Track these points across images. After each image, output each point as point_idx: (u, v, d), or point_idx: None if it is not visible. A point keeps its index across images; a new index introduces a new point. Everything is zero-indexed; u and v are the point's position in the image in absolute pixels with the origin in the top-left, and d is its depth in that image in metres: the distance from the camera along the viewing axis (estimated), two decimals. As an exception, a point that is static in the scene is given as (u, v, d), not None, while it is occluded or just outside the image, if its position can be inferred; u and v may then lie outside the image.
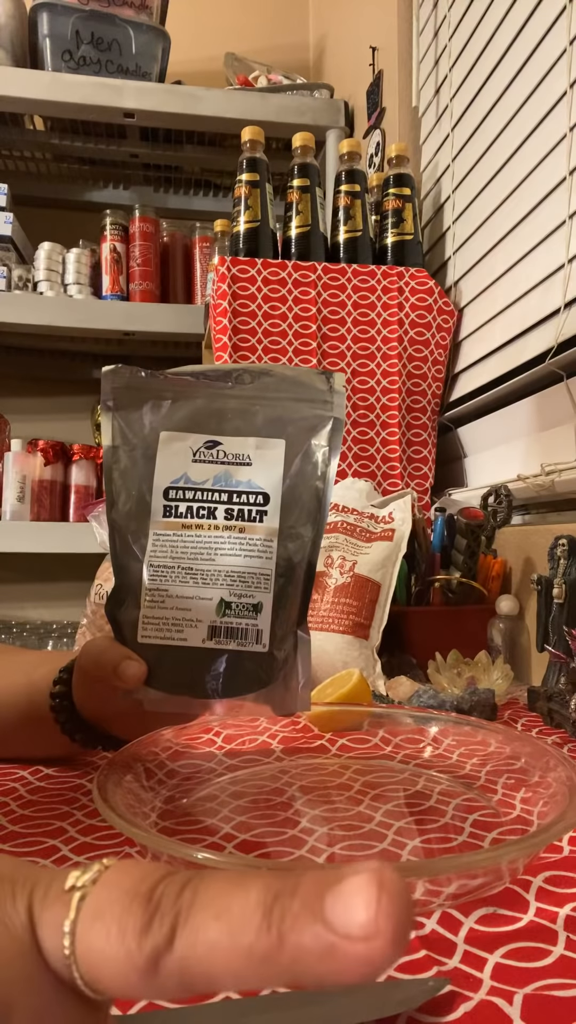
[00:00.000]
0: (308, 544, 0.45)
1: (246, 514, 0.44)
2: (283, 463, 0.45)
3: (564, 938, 0.32)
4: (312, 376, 0.47)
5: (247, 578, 0.43)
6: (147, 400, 0.47)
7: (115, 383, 0.47)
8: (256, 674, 0.43)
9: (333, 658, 0.82)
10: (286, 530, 0.44)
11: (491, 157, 1.11)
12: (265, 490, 0.45)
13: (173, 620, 0.43)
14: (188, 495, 0.45)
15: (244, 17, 2.16)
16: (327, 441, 0.46)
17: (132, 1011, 0.27)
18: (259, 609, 0.43)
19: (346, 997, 0.28)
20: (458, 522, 0.92)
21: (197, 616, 0.43)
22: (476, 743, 0.53)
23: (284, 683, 0.44)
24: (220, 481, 0.45)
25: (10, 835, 0.43)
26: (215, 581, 0.44)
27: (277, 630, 0.44)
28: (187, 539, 0.44)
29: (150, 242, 1.76)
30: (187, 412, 0.46)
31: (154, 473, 0.45)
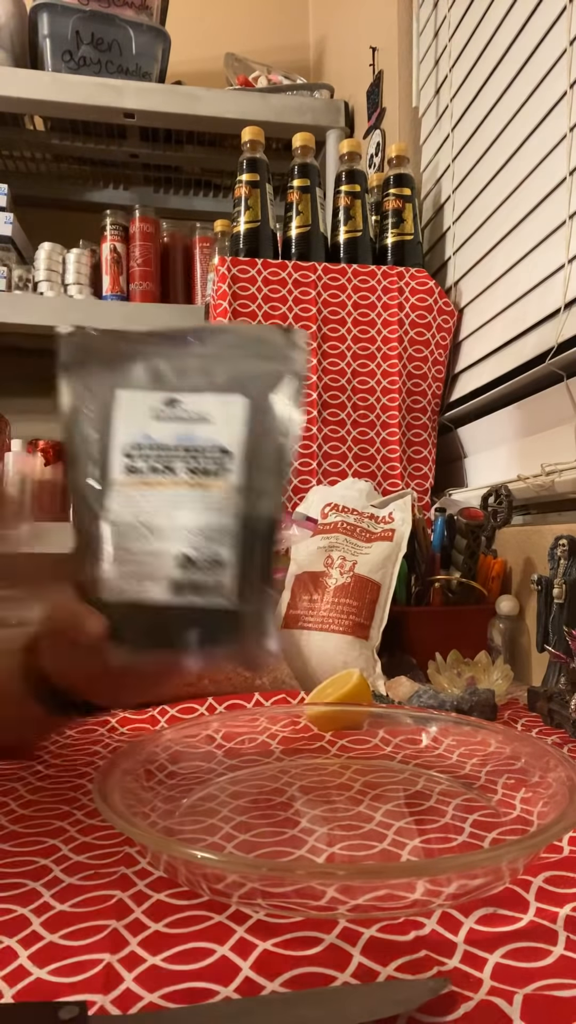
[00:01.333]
0: (272, 498, 0.44)
1: (207, 470, 0.44)
2: (244, 419, 0.45)
3: (564, 938, 0.32)
4: (271, 332, 0.47)
5: (209, 533, 0.43)
6: (105, 360, 0.46)
7: (72, 344, 0.47)
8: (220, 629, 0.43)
9: (333, 658, 0.82)
10: (249, 485, 0.44)
11: (491, 157, 1.11)
12: (226, 446, 0.44)
13: (134, 576, 0.43)
14: (148, 453, 0.45)
15: (244, 17, 2.16)
16: (288, 396, 0.45)
17: (132, 1011, 0.27)
18: (221, 563, 0.43)
19: (346, 997, 0.28)
20: (458, 522, 0.92)
21: (158, 571, 0.43)
22: (476, 743, 0.53)
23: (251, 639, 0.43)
24: (181, 438, 0.44)
25: (10, 835, 0.43)
26: (177, 536, 0.43)
27: (241, 585, 0.43)
28: (148, 496, 0.44)
29: (150, 242, 1.76)
30: (146, 371, 0.46)
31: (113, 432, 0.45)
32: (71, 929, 0.33)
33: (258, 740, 0.58)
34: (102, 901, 0.35)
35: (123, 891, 0.36)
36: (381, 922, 0.33)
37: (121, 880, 0.37)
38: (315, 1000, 0.28)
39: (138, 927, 0.33)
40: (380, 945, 0.31)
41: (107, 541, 0.44)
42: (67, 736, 0.64)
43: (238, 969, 0.30)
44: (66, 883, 0.37)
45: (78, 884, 0.37)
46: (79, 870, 0.39)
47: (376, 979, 0.29)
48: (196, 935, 0.32)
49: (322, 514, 0.93)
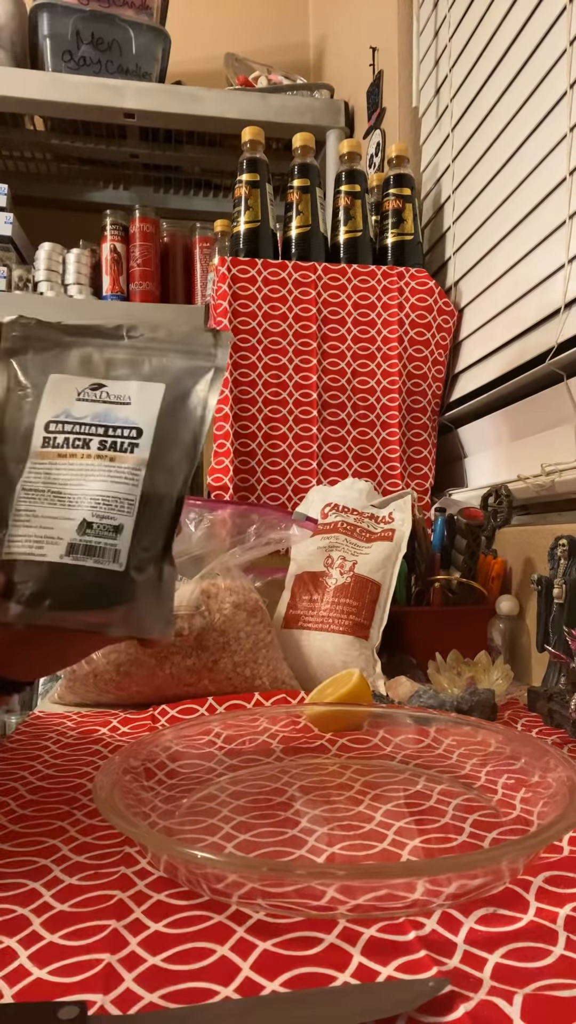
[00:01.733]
0: (179, 479, 0.47)
1: (118, 445, 0.47)
2: (160, 403, 0.48)
3: (564, 938, 0.32)
4: (199, 333, 0.50)
5: (111, 502, 0.46)
6: (43, 348, 0.50)
7: (14, 331, 0.50)
8: (110, 591, 0.44)
9: (333, 658, 0.82)
10: (158, 463, 0.47)
11: (491, 157, 1.11)
12: (139, 425, 0.47)
13: (35, 537, 0.45)
14: (67, 428, 0.48)
15: (244, 17, 2.16)
16: (207, 387, 0.49)
17: (132, 1011, 0.27)
18: (120, 531, 0.45)
19: (346, 997, 0.28)
20: (458, 522, 0.92)
21: (59, 534, 0.45)
22: (476, 743, 0.53)
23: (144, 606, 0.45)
24: (99, 417, 0.48)
25: (10, 835, 0.43)
26: (80, 503, 0.46)
27: (137, 553, 0.45)
28: (61, 466, 0.47)
29: (150, 242, 1.76)
30: (78, 359, 0.50)
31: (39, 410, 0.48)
32: (71, 929, 0.33)
33: (258, 740, 0.58)
34: (102, 901, 0.35)
35: (123, 891, 0.36)
36: (381, 922, 0.33)
37: (121, 880, 0.37)
38: (315, 1000, 0.28)
39: (138, 927, 0.33)
40: (380, 945, 0.31)
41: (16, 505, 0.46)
42: (67, 736, 0.64)
43: (238, 969, 0.30)
44: (66, 883, 0.37)
45: (78, 884, 0.37)
46: (79, 870, 0.39)
47: (376, 979, 0.29)
48: (196, 935, 0.32)
49: (322, 514, 0.93)
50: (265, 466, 1.16)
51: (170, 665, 0.74)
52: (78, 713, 0.72)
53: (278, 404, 1.17)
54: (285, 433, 1.17)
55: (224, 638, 0.76)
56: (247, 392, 1.16)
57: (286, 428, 1.17)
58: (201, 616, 0.76)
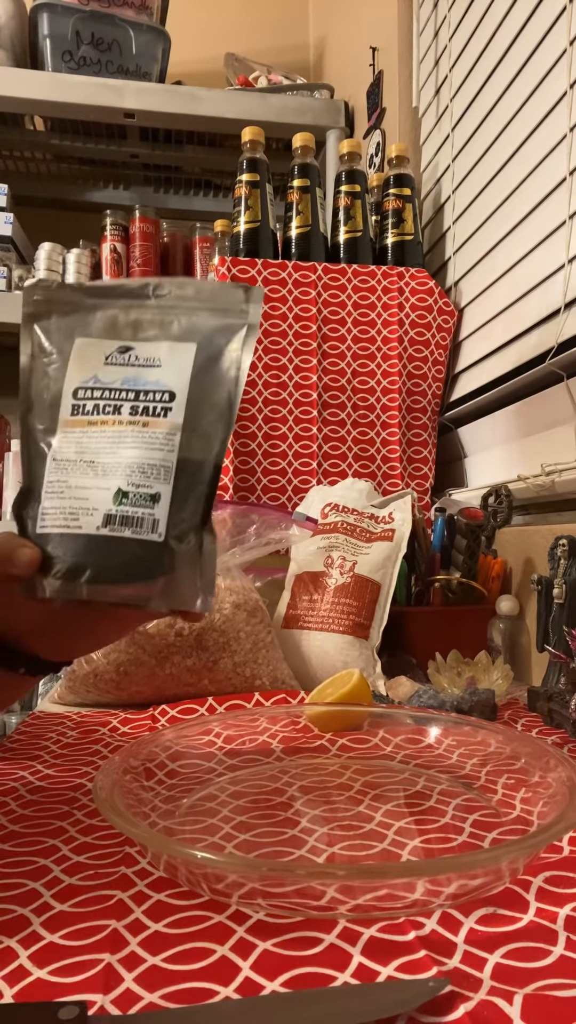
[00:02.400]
0: (216, 443, 0.45)
1: (151, 410, 0.45)
2: (192, 364, 0.45)
3: (564, 938, 0.32)
4: (229, 288, 0.47)
5: (146, 469, 0.44)
6: (65, 311, 0.48)
7: (35, 295, 0.48)
8: (149, 562, 0.43)
9: (333, 658, 0.82)
10: (192, 427, 0.45)
11: (491, 157, 1.11)
12: (171, 388, 0.45)
13: (70, 509, 0.44)
14: (96, 394, 0.46)
15: (244, 17, 2.16)
16: (240, 345, 0.46)
17: (132, 1011, 0.27)
18: (157, 499, 0.43)
19: (346, 997, 0.28)
20: (458, 522, 0.92)
21: (94, 505, 0.43)
22: (476, 743, 0.53)
23: (185, 578, 0.43)
24: (129, 381, 0.46)
25: (10, 835, 0.43)
26: (115, 472, 0.44)
27: (176, 522, 0.43)
28: (92, 434, 0.45)
29: (150, 242, 1.76)
30: (104, 322, 0.47)
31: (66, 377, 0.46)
32: (71, 929, 0.33)
33: (258, 740, 0.58)
34: (102, 901, 0.35)
35: (123, 891, 0.36)
36: (381, 922, 0.33)
37: (121, 880, 0.37)
38: (315, 1000, 0.28)
39: (138, 927, 0.33)
40: (380, 945, 0.31)
41: (48, 476, 0.45)
42: (67, 736, 0.64)
43: (238, 969, 0.30)
44: (66, 883, 0.37)
45: (78, 884, 0.37)
46: (79, 870, 0.39)
47: (376, 979, 0.29)
48: (196, 935, 0.32)
49: (322, 514, 0.93)
50: (265, 466, 1.16)
51: (170, 665, 0.74)
52: (78, 713, 0.72)
53: (278, 404, 1.17)
54: (285, 433, 1.17)
55: (224, 638, 0.76)
56: (247, 392, 1.16)
57: (286, 428, 1.17)
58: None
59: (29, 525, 0.45)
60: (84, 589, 0.43)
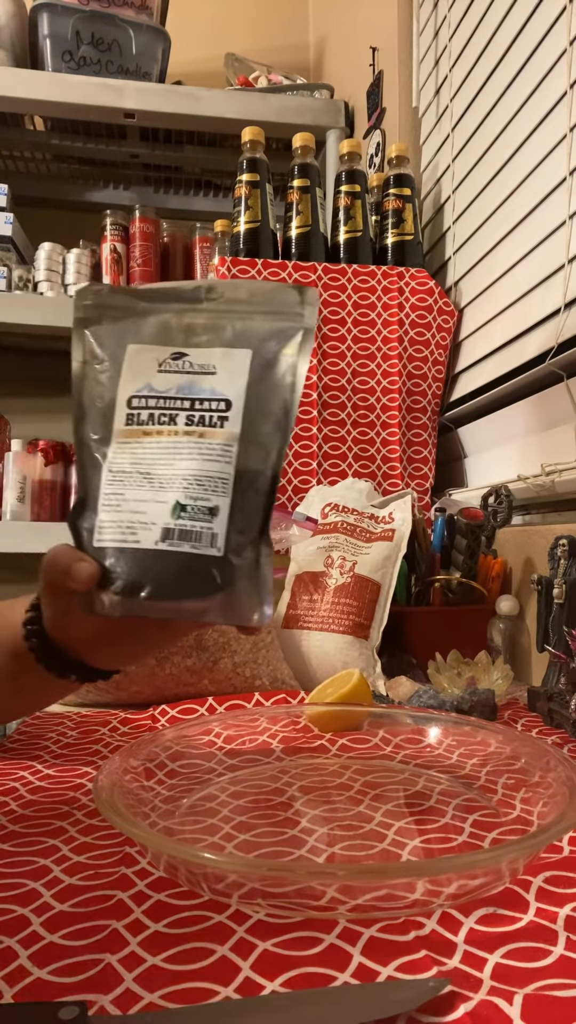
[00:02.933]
0: (273, 452, 0.44)
1: (207, 420, 0.44)
2: (248, 371, 0.44)
3: (564, 938, 0.32)
4: (284, 290, 0.46)
5: (204, 481, 0.43)
6: (117, 316, 0.47)
7: (86, 300, 0.47)
8: (210, 578, 0.42)
9: (333, 658, 0.82)
10: (249, 436, 0.44)
11: (491, 157, 1.11)
12: (227, 396, 0.44)
13: (128, 523, 0.43)
14: (150, 403, 0.45)
15: (244, 17, 2.16)
16: (296, 351, 0.45)
17: (132, 1011, 0.27)
18: (215, 513, 0.42)
19: (346, 997, 0.28)
20: (458, 522, 0.92)
21: (152, 519, 0.43)
22: (476, 743, 0.53)
23: (243, 592, 0.42)
24: (183, 390, 0.45)
25: (10, 835, 0.43)
26: (171, 484, 0.43)
27: (234, 536, 0.42)
28: (147, 445, 0.44)
29: (150, 242, 1.76)
30: (156, 326, 0.46)
31: (119, 385, 0.46)
32: (71, 929, 0.33)
33: (258, 740, 0.58)
34: (102, 901, 0.35)
35: (123, 891, 0.36)
36: (381, 922, 0.33)
37: (121, 880, 0.37)
38: (315, 1000, 0.28)
39: (138, 927, 0.33)
40: (380, 945, 0.31)
41: (104, 489, 0.44)
42: (67, 736, 0.64)
43: (238, 969, 0.30)
44: (66, 883, 0.37)
45: (78, 884, 0.37)
46: (79, 870, 0.39)
47: (376, 979, 0.29)
48: (196, 935, 0.32)
49: (322, 514, 0.93)
50: (265, 466, 1.16)
51: (170, 665, 0.74)
52: (78, 713, 0.72)
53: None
54: (285, 433, 1.17)
55: (224, 638, 0.76)
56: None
57: (286, 428, 1.17)
58: (201, 616, 0.75)
59: (85, 537, 0.44)
60: (143, 605, 0.42)
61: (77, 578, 0.42)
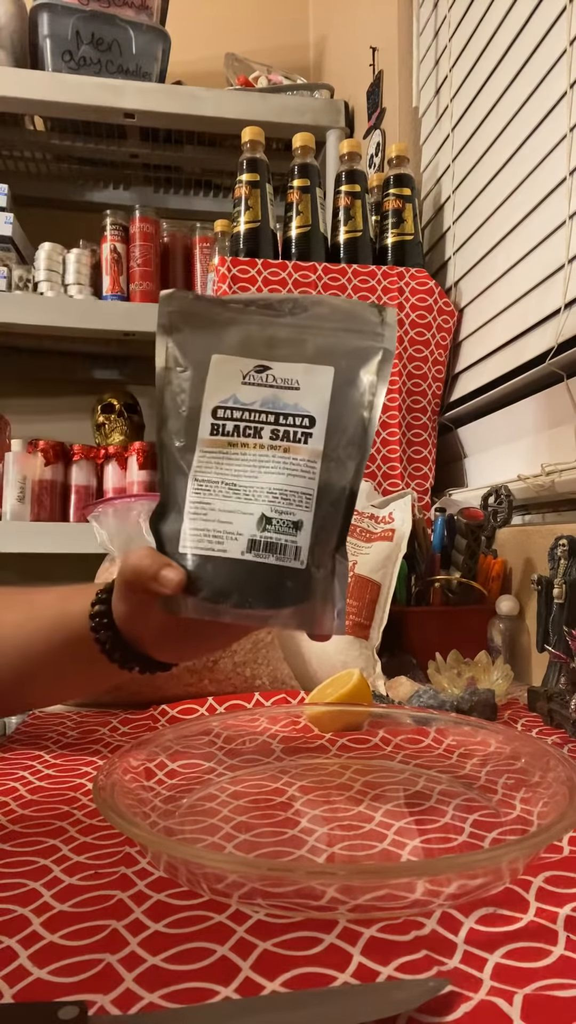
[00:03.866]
0: (352, 470, 0.45)
1: (291, 435, 0.45)
2: (331, 389, 0.46)
3: (564, 938, 0.32)
4: (364, 308, 0.47)
5: (289, 496, 0.44)
6: (200, 324, 0.48)
7: (170, 307, 0.48)
8: (293, 589, 0.44)
9: (333, 658, 0.82)
10: (330, 454, 0.45)
11: (491, 157, 1.11)
12: (311, 413, 0.45)
13: (214, 532, 0.44)
14: (236, 415, 0.46)
15: (244, 17, 2.16)
16: (376, 371, 0.46)
17: (132, 1011, 0.27)
18: (299, 527, 0.44)
19: (346, 997, 0.28)
20: (458, 522, 0.92)
21: (238, 529, 0.44)
22: (476, 743, 0.53)
23: (320, 604, 0.44)
24: (268, 403, 0.46)
25: (10, 835, 0.43)
26: (257, 497, 0.44)
27: (316, 550, 0.44)
28: (233, 456, 0.45)
29: (150, 242, 1.76)
30: (239, 337, 0.47)
31: (204, 393, 0.46)
32: (71, 929, 0.33)
33: (258, 740, 0.58)
34: (102, 901, 0.35)
35: (123, 891, 0.36)
36: (381, 922, 0.33)
37: (121, 880, 0.37)
38: (315, 1000, 0.28)
39: (138, 927, 0.33)
40: (380, 945, 0.31)
41: (191, 497, 0.45)
42: (67, 736, 0.64)
43: (238, 969, 0.30)
44: (66, 883, 0.37)
45: (78, 884, 0.37)
46: (79, 870, 0.39)
47: (376, 979, 0.29)
48: (196, 935, 0.32)
49: (322, 514, 0.93)
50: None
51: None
52: (78, 713, 0.72)
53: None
54: (285, 433, 1.17)
55: (224, 638, 0.76)
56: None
57: (286, 428, 1.17)
58: (201, 616, 0.75)
59: (169, 543, 0.45)
60: (228, 613, 0.44)
61: (166, 584, 0.44)
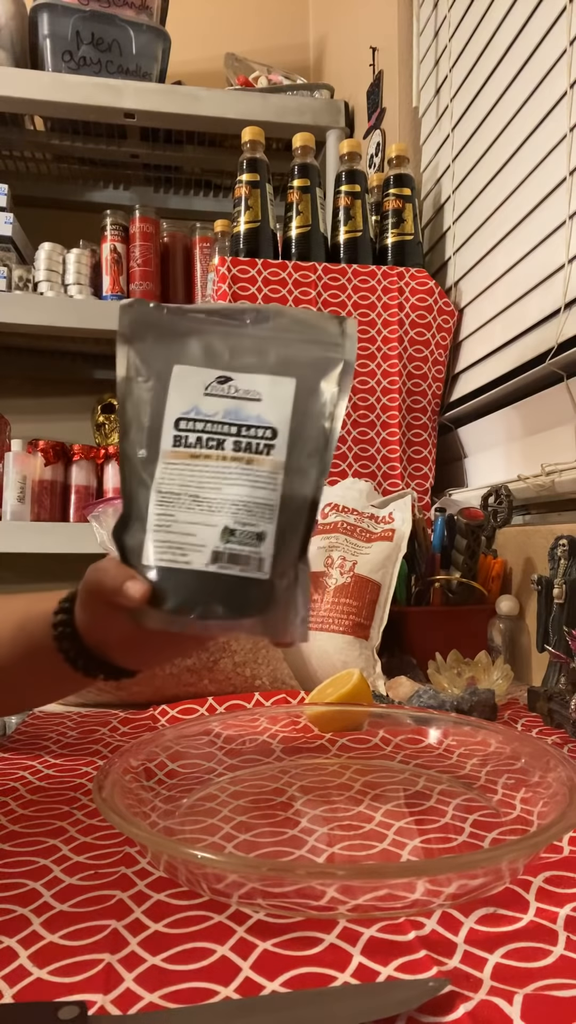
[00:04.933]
0: (313, 480, 0.46)
1: (254, 447, 0.45)
2: (292, 400, 0.46)
3: (564, 938, 0.32)
4: (325, 319, 0.48)
5: (252, 508, 0.44)
6: (161, 334, 0.48)
7: (130, 316, 0.48)
8: (257, 600, 0.44)
9: (333, 658, 0.82)
10: (292, 464, 0.45)
11: (491, 157, 1.11)
12: (274, 425, 0.46)
13: (178, 544, 0.45)
14: (198, 426, 0.46)
15: (244, 17, 2.16)
16: (336, 383, 0.47)
17: (132, 1011, 0.27)
18: (262, 538, 0.44)
19: (346, 997, 0.28)
20: (458, 522, 0.92)
21: (202, 541, 0.44)
22: (476, 743, 0.53)
23: (284, 612, 0.44)
24: (231, 414, 0.46)
25: (10, 835, 0.43)
26: (221, 509, 0.45)
27: (279, 560, 0.44)
28: (195, 468, 0.46)
29: (150, 242, 1.76)
30: (200, 347, 0.47)
31: (166, 404, 0.47)
32: (71, 929, 0.33)
33: (258, 740, 0.58)
34: (102, 901, 0.35)
35: (123, 891, 0.36)
36: (381, 922, 0.33)
37: (121, 880, 0.37)
38: (315, 1000, 0.28)
39: (138, 927, 0.33)
40: (380, 945, 0.31)
41: (153, 509, 0.45)
42: (67, 736, 0.64)
43: (238, 969, 0.30)
44: (66, 883, 0.37)
45: (78, 884, 0.37)
46: (79, 870, 0.39)
47: (376, 979, 0.29)
48: (196, 935, 0.32)
49: (322, 514, 0.93)
50: (265, 466, 1.16)
51: (170, 665, 0.74)
52: (78, 713, 0.72)
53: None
54: (285, 433, 1.17)
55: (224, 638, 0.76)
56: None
57: (286, 428, 1.17)
58: (201, 616, 0.75)
59: (133, 554, 0.46)
60: (192, 624, 0.44)
61: (129, 596, 0.44)
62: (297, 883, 0.33)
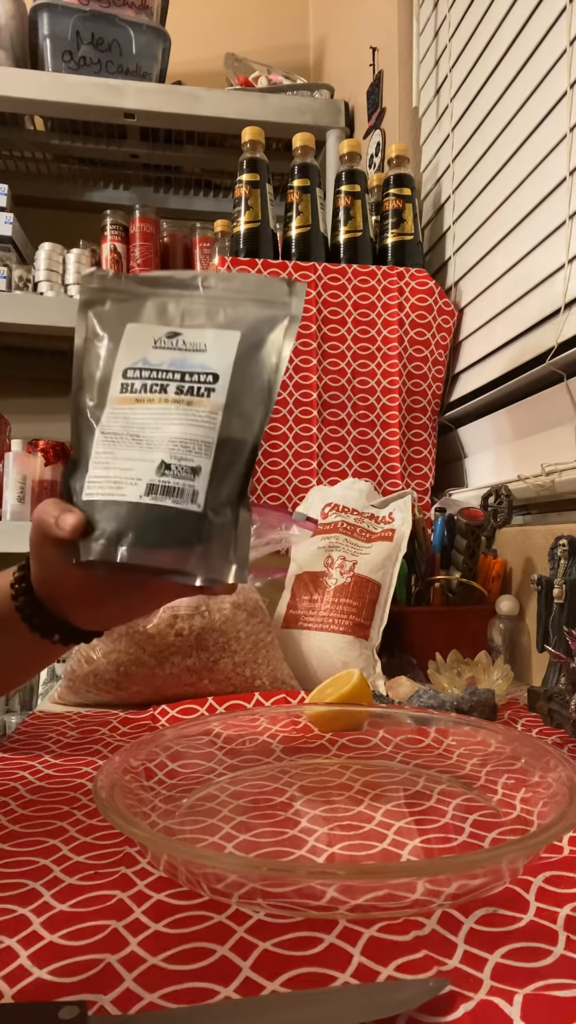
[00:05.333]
0: (255, 425, 0.47)
1: (195, 390, 0.47)
2: (236, 350, 0.48)
3: (564, 938, 0.32)
4: (275, 282, 0.50)
5: (189, 444, 0.46)
6: (119, 299, 0.51)
7: (91, 284, 0.51)
8: (189, 530, 0.45)
9: (333, 658, 0.82)
10: (234, 408, 0.47)
11: (491, 157, 1.11)
12: (215, 370, 0.48)
13: (115, 479, 0.46)
14: (144, 374, 0.48)
15: (244, 17, 2.16)
16: (282, 334, 0.49)
17: (132, 1011, 0.27)
18: (197, 472, 0.46)
19: (346, 997, 0.28)
20: (458, 522, 0.92)
21: (138, 475, 0.46)
22: (476, 743, 0.53)
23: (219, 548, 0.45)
24: (176, 364, 0.48)
25: (10, 835, 0.43)
26: (159, 446, 0.46)
27: (213, 495, 0.46)
28: (139, 411, 0.48)
29: (150, 242, 1.76)
30: (154, 309, 0.50)
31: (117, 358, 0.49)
32: (71, 929, 0.33)
33: (258, 740, 0.58)
34: (102, 901, 0.35)
35: (123, 891, 0.36)
36: (381, 922, 0.33)
37: (121, 880, 0.37)
38: (315, 1000, 0.28)
39: (138, 927, 0.33)
40: (380, 945, 0.31)
41: (96, 448, 0.47)
42: (67, 736, 0.64)
43: (238, 969, 0.30)
44: (66, 883, 0.37)
45: (78, 884, 0.37)
46: (79, 870, 0.39)
47: (376, 979, 0.29)
48: (196, 935, 0.32)
49: (322, 514, 0.93)
50: (265, 466, 1.16)
51: (170, 665, 0.74)
52: (78, 713, 0.72)
53: (278, 404, 1.17)
54: (285, 433, 1.17)
55: (224, 638, 0.76)
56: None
57: (286, 428, 1.17)
58: (201, 616, 0.76)
59: (75, 495, 0.47)
60: (124, 552, 0.45)
61: (63, 527, 0.45)
62: (297, 883, 0.33)
